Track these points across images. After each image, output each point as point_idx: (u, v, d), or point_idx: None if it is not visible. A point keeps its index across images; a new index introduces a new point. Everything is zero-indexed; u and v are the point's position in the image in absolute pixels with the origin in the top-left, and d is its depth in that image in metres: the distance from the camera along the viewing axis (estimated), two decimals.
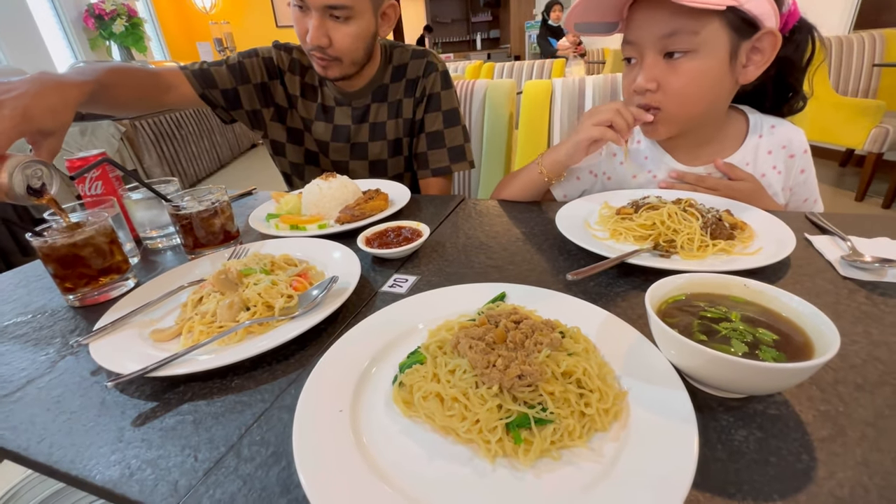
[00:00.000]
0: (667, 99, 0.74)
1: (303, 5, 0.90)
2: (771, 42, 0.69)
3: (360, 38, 0.94)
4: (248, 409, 0.43)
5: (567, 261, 0.66)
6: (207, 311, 0.54)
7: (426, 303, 0.54)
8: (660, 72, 0.73)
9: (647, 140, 0.87)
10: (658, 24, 0.70)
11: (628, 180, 0.90)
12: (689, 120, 0.77)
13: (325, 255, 0.70)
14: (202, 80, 1.03)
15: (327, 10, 0.90)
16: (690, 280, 0.47)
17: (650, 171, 0.87)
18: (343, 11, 0.90)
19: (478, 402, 0.36)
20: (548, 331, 0.42)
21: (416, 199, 0.96)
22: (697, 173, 0.81)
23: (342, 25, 0.91)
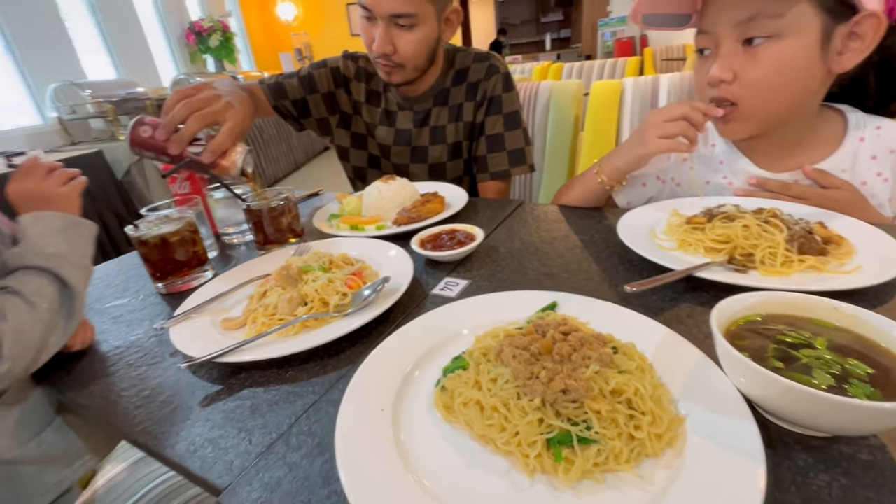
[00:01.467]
0: (745, 92, 0.67)
1: (370, 15, 0.94)
2: (873, 26, 0.60)
3: (424, 44, 0.96)
4: (299, 399, 0.45)
5: (628, 272, 0.63)
6: (270, 304, 0.58)
7: (475, 308, 0.54)
8: (737, 61, 0.65)
9: (723, 142, 0.80)
10: (737, 7, 0.63)
11: (701, 187, 0.83)
12: (770, 117, 0.69)
13: (380, 255, 0.72)
14: (275, 93, 1.11)
15: (393, 19, 0.92)
16: (767, 299, 0.42)
17: (725, 178, 0.80)
18: (407, 19, 0.92)
19: (518, 414, 0.35)
20: (598, 345, 0.39)
21: (472, 203, 0.96)
22: (782, 180, 0.73)
23: (406, 33, 0.94)
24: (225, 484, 0.37)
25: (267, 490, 0.35)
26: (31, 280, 0.49)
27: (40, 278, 0.50)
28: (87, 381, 0.53)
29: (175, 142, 0.70)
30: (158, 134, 0.70)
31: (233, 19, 6.32)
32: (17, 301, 0.47)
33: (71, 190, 0.62)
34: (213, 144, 0.71)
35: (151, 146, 0.71)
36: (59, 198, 0.60)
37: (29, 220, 0.54)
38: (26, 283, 0.49)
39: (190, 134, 0.70)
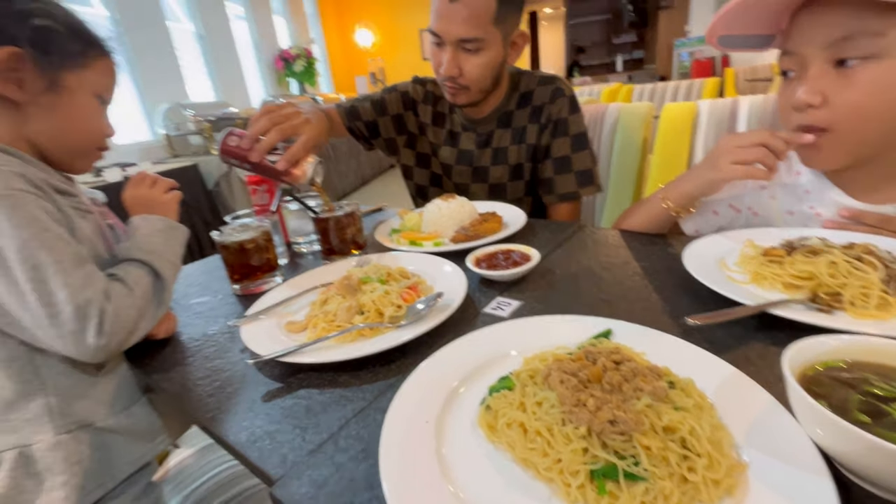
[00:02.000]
0: (836, 117, 0.61)
1: (440, 41, 0.99)
2: None
3: (489, 67, 1.00)
4: (350, 404, 0.48)
5: (692, 304, 0.59)
6: (330, 311, 0.62)
7: (525, 329, 0.53)
8: (828, 83, 0.60)
9: (809, 170, 0.73)
10: (830, 26, 0.59)
11: (782, 218, 0.76)
12: (865, 145, 0.63)
13: (436, 271, 0.74)
14: (349, 115, 1.20)
15: (460, 44, 0.96)
16: (854, 343, 0.38)
17: (812, 208, 0.73)
18: (474, 44, 0.95)
19: (562, 441, 0.34)
20: (652, 378, 0.38)
21: (531, 224, 0.95)
22: (882, 213, 0.65)
23: (473, 56, 0.97)
24: (278, 476, 0.39)
25: (314, 486, 0.37)
26: (133, 270, 0.57)
27: (140, 270, 0.58)
28: (169, 367, 0.59)
29: (256, 150, 0.78)
30: (244, 143, 0.78)
31: (316, 46, 6.87)
32: (120, 287, 0.54)
33: (171, 199, 0.71)
34: (288, 153, 0.78)
35: (237, 154, 0.79)
36: (161, 204, 0.69)
37: (137, 221, 0.63)
38: (129, 273, 0.56)
39: (269, 143, 0.77)
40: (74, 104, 0.59)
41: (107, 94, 0.64)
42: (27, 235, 0.48)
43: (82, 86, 0.59)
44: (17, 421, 0.52)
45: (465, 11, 0.91)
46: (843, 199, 0.69)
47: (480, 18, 0.92)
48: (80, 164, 0.64)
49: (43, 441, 0.53)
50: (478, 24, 0.92)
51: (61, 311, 0.48)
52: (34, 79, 0.55)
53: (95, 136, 0.64)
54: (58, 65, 0.56)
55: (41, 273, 0.48)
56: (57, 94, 0.57)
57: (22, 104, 0.55)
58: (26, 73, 0.54)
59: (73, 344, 0.49)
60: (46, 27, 0.55)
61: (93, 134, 0.63)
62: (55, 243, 0.50)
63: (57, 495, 0.52)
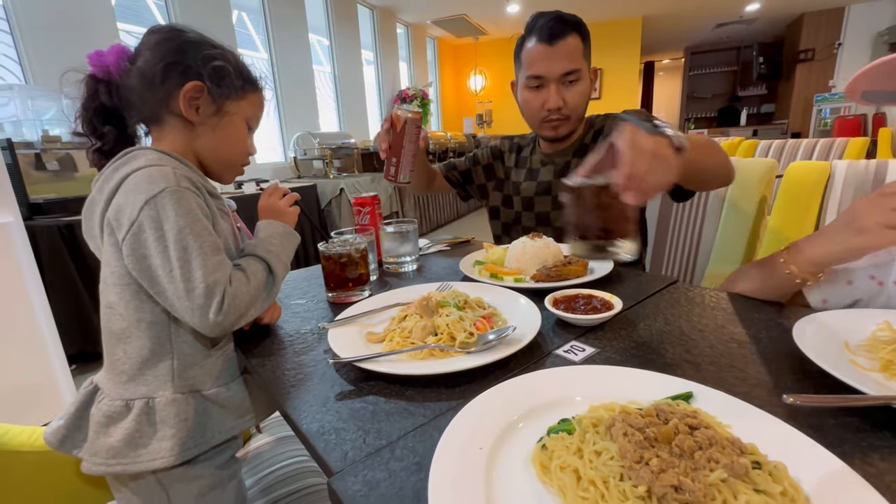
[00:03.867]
0: None
1: (541, 83, 1.12)
2: None
3: (585, 94, 1.15)
4: (411, 417, 0.50)
5: (797, 386, 0.52)
6: (407, 328, 0.65)
7: (596, 376, 0.51)
8: None
9: None
10: None
11: None
12: None
13: (512, 306, 0.74)
14: (447, 168, 1.43)
15: (563, 78, 1.10)
16: None
17: None
18: (574, 75, 1.10)
19: (617, 497, 0.32)
20: (732, 451, 0.34)
21: (618, 272, 0.92)
22: None
23: (573, 87, 1.12)
24: (338, 469, 0.42)
25: (367, 486, 0.40)
26: (254, 264, 0.67)
27: (259, 264, 0.68)
28: (265, 354, 0.67)
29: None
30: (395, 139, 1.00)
31: (432, 89, 7.43)
32: (241, 275, 0.64)
33: (293, 211, 0.82)
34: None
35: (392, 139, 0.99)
36: (285, 213, 0.80)
37: (264, 225, 0.75)
38: (250, 265, 0.67)
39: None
40: (231, 126, 0.73)
41: (254, 121, 0.78)
42: (184, 223, 0.60)
43: (238, 113, 0.74)
44: (150, 376, 0.63)
45: (563, 50, 1.07)
46: None
47: (576, 53, 1.08)
48: (228, 175, 0.78)
49: (163, 396, 0.63)
50: (575, 58, 1.08)
51: (196, 287, 0.58)
52: (207, 105, 0.70)
53: (241, 154, 0.78)
54: (225, 96, 0.71)
55: (188, 254, 0.59)
56: (220, 118, 0.72)
57: (195, 124, 0.70)
58: (203, 102, 0.69)
59: (199, 316, 0.59)
60: (222, 67, 0.70)
61: (240, 152, 0.77)
62: (202, 232, 0.61)
63: (165, 445, 0.62)
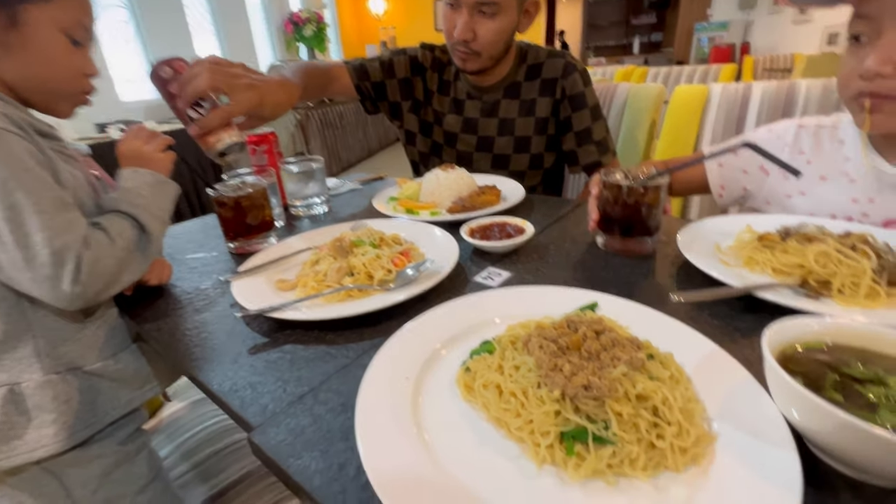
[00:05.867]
0: None
1: (454, 3, 0.98)
2: None
3: (503, 32, 0.99)
4: (333, 360, 0.48)
5: (683, 285, 0.59)
6: (320, 271, 0.62)
7: (512, 298, 0.54)
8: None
9: (852, 136, 0.72)
10: None
11: (812, 183, 0.76)
12: None
13: (429, 240, 0.73)
14: (359, 74, 1.17)
15: (477, 6, 0.96)
16: (839, 327, 0.38)
17: (848, 177, 0.72)
18: (491, 7, 0.95)
19: (535, 403, 0.35)
20: (631, 348, 0.38)
21: (529, 199, 0.95)
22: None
23: (488, 20, 0.97)
24: (257, 423, 0.40)
25: (291, 434, 0.38)
26: (118, 221, 0.56)
27: (125, 221, 0.57)
28: (160, 316, 0.60)
29: (181, 96, 0.69)
30: (174, 82, 0.69)
31: (327, 11, 6.69)
32: (101, 236, 0.52)
33: (166, 157, 0.70)
34: (203, 119, 0.69)
35: (164, 89, 0.70)
36: (155, 160, 0.68)
37: (128, 174, 0.62)
38: (113, 223, 0.55)
39: (193, 93, 0.68)
40: (38, 40, 0.55)
41: (78, 30, 0.58)
42: (6, 174, 0.47)
43: (44, 21, 0.55)
44: (8, 360, 0.53)
45: None
46: (887, 167, 0.68)
47: None
48: (62, 106, 0.62)
49: (32, 380, 0.54)
50: None
51: (37, 255, 0.47)
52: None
53: (68, 77, 0.59)
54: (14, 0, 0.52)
55: (18, 214, 0.47)
56: (18, 31, 0.53)
57: None
58: None
59: (48, 289, 0.49)
60: None
61: (65, 74, 0.59)
62: (35, 185, 0.49)
63: (47, 432, 0.54)
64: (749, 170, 0.83)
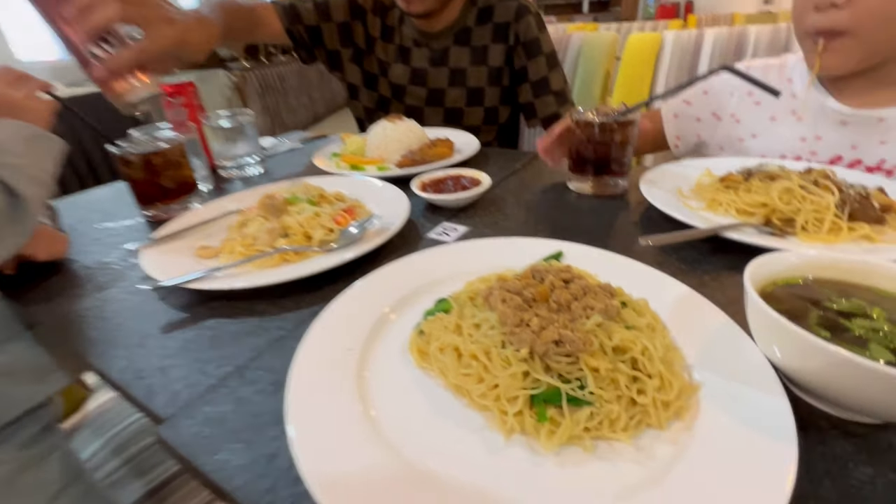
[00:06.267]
0: (859, 19, 0.58)
1: None
2: None
3: None
4: (265, 333, 0.41)
5: (648, 230, 0.56)
6: (249, 234, 0.53)
7: (469, 252, 0.48)
8: None
9: (800, 74, 0.71)
10: None
11: (763, 124, 0.74)
12: (878, 49, 0.61)
13: (377, 196, 0.66)
14: (289, 16, 1.02)
15: None
16: (817, 260, 0.35)
17: (796, 115, 0.71)
18: None
19: (500, 365, 0.30)
20: (604, 296, 0.33)
21: (484, 152, 0.88)
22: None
23: None
24: (167, 414, 0.33)
25: (209, 424, 0.31)
26: None
27: None
28: (51, 297, 0.50)
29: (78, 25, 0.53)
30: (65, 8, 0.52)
31: None
32: None
33: (43, 105, 0.56)
34: (110, 59, 0.55)
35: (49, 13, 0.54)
36: (28, 110, 0.55)
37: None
38: None
39: (97, 24, 0.53)
40: None
41: None
42: None
43: None
44: None
45: None
46: (833, 104, 0.67)
47: None
48: None
49: None
50: None
51: None
52: None
53: None
54: None
55: None
56: None
57: None
58: None
59: None
60: None
61: None
62: None
63: None
64: (703, 117, 0.82)
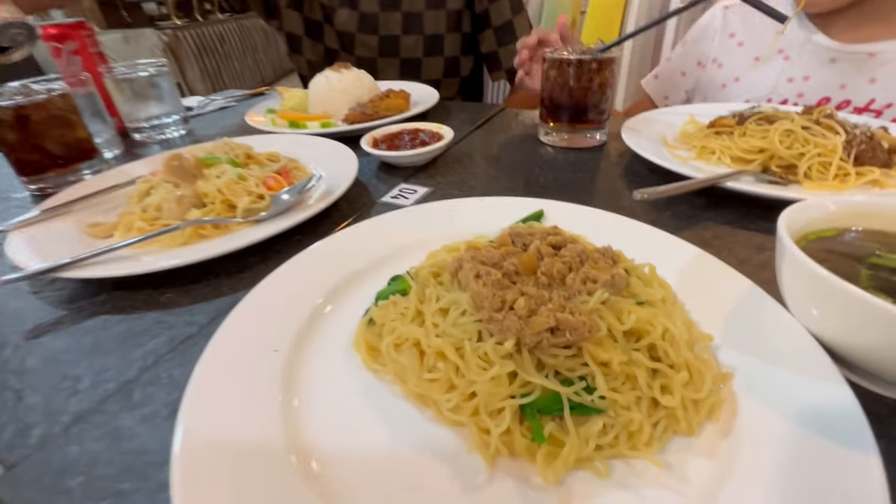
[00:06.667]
0: None
1: None
2: None
3: None
4: (166, 332, 0.31)
5: (635, 185, 0.49)
6: (152, 205, 0.42)
7: (432, 216, 0.39)
8: None
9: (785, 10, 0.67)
10: None
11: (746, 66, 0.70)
12: None
13: (319, 155, 0.55)
14: None
15: None
16: (851, 206, 0.29)
17: (783, 54, 0.66)
18: None
19: (477, 365, 0.22)
20: (606, 263, 0.26)
21: (445, 105, 0.78)
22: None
23: None
24: (11, 461, 0.23)
25: (71, 472, 0.22)
26: None
27: None
28: None
29: None
30: None
31: None
32: None
33: None
34: None
35: None
36: None
37: None
38: None
39: None
40: None
41: None
42: None
43: None
44: None
45: None
46: (822, 40, 0.63)
47: None
48: None
49: None
50: None
51: None
52: None
53: None
54: None
55: None
56: None
57: None
58: None
59: None
60: None
61: None
62: None
63: None
64: (687, 70, 0.78)
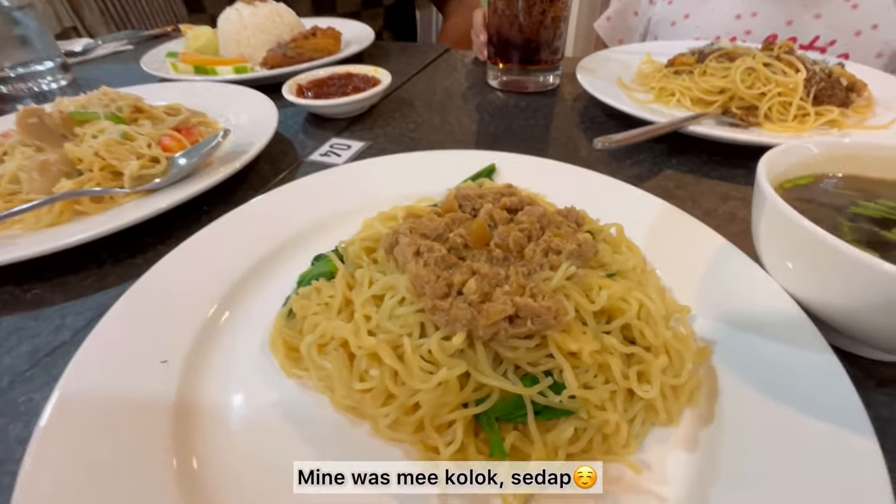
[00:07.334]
0: None
1: None
2: None
3: None
4: (28, 342, 0.25)
5: (593, 133, 0.45)
6: (6, 175, 0.33)
7: (367, 176, 0.33)
8: None
9: None
10: None
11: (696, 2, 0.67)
12: None
13: (231, 106, 0.47)
14: None
15: None
16: (834, 148, 0.26)
17: None
18: None
19: (419, 368, 0.17)
20: (570, 228, 0.22)
21: (381, 46, 0.70)
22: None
23: None
24: None
25: None
26: None
27: None
28: None
29: None
30: None
31: None
32: None
33: None
34: None
35: None
36: None
37: None
38: None
39: None
40: None
41: None
42: None
43: None
44: None
45: None
46: None
47: None
48: None
49: None
50: None
51: None
52: None
53: None
54: None
55: None
56: None
57: None
58: None
59: None
60: None
61: None
62: None
63: None
64: (639, 9, 0.74)
